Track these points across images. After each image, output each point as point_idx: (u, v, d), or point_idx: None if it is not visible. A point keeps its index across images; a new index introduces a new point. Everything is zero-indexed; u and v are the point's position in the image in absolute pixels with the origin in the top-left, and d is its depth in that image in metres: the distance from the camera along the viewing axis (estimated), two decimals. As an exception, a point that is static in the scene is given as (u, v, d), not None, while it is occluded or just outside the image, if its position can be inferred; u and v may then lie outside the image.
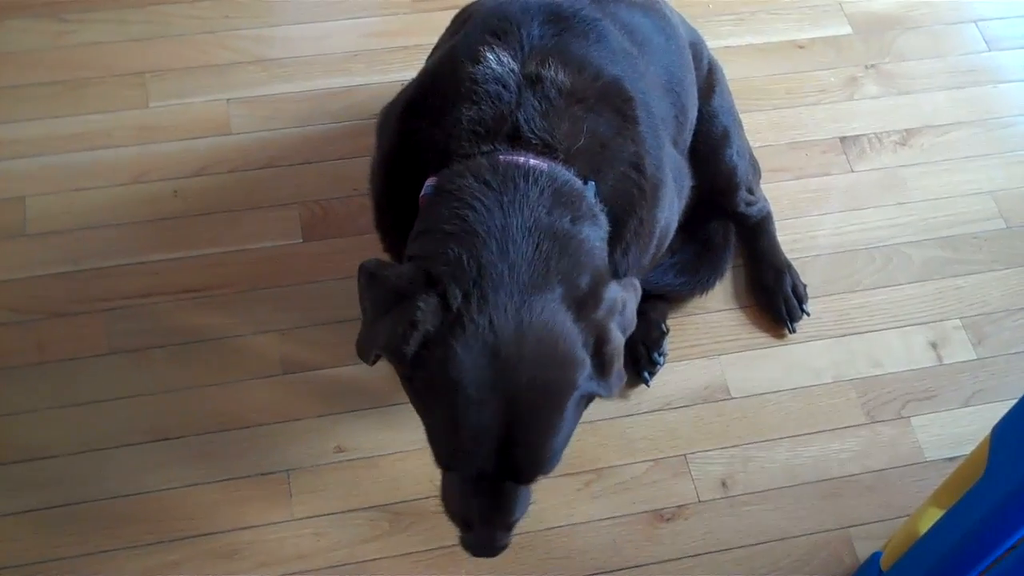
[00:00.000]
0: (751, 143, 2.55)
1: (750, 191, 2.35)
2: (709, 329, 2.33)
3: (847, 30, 2.83)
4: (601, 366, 1.48)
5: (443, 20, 2.61)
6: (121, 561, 1.99)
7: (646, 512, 2.12)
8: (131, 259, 2.32)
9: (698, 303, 2.36)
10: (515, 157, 1.56)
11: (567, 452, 2.09)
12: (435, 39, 2.29)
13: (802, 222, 2.51)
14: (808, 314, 2.33)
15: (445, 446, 1.48)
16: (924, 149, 2.65)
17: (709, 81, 2.25)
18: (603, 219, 1.61)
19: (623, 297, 1.54)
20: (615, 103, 1.68)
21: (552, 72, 1.63)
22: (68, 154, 2.45)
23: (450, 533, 1.65)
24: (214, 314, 2.26)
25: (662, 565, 2.07)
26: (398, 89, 2.11)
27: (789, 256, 2.42)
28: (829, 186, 2.57)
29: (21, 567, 1.97)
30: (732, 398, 2.26)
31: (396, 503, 2.08)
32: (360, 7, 2.73)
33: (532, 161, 1.55)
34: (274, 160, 2.48)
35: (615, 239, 1.65)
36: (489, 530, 1.57)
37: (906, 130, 2.67)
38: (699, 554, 2.08)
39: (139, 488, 2.06)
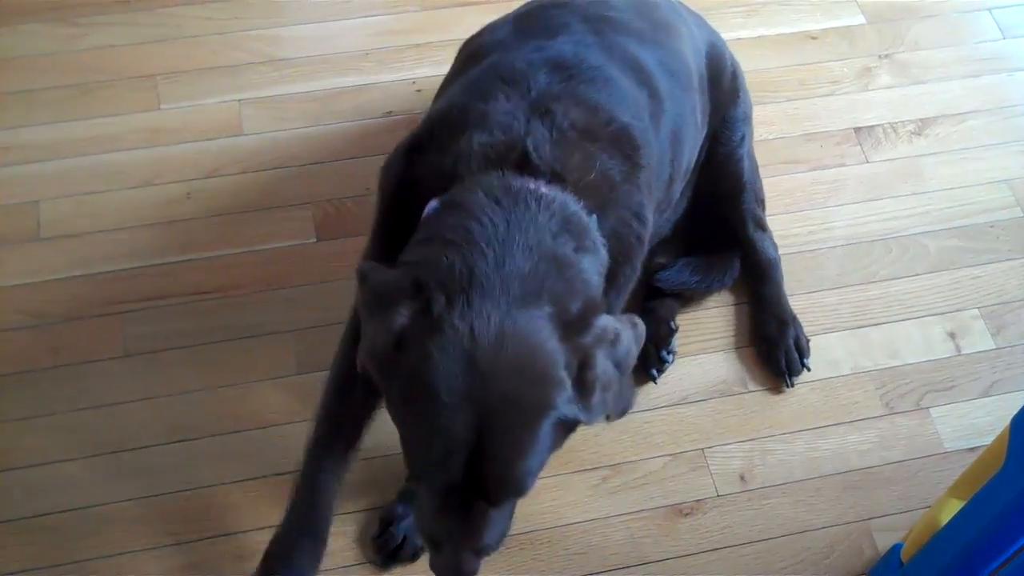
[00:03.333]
0: (765, 135, 2.56)
1: (760, 203, 2.35)
2: (726, 323, 2.32)
3: (860, 20, 2.81)
4: (582, 390, 1.45)
5: (453, 18, 2.63)
6: (140, 563, 1.99)
7: (664, 507, 2.11)
8: (145, 261, 2.32)
9: (715, 297, 2.36)
10: (527, 182, 1.56)
11: (583, 448, 2.12)
12: (445, 37, 2.30)
13: (818, 213, 2.49)
14: (809, 369, 2.26)
15: (417, 455, 1.47)
16: (940, 138, 2.63)
17: (733, 87, 2.26)
18: (604, 254, 1.61)
19: (616, 329, 1.51)
20: (625, 149, 1.69)
21: (564, 108, 1.65)
22: (81, 158, 2.45)
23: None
24: (228, 315, 2.26)
25: (681, 560, 2.06)
26: (410, 88, 2.12)
27: (804, 248, 2.42)
28: (844, 177, 2.56)
29: (38, 570, 1.97)
30: (750, 391, 2.25)
31: (413, 501, 2.08)
32: (370, 6, 2.73)
33: (544, 188, 1.56)
34: (286, 160, 2.48)
35: (608, 279, 1.66)
36: (457, 552, 1.52)
37: (921, 119, 2.65)
38: (718, 548, 2.07)
39: (156, 490, 2.06)
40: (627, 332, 1.53)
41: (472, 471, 1.42)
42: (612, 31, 1.86)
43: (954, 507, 1.77)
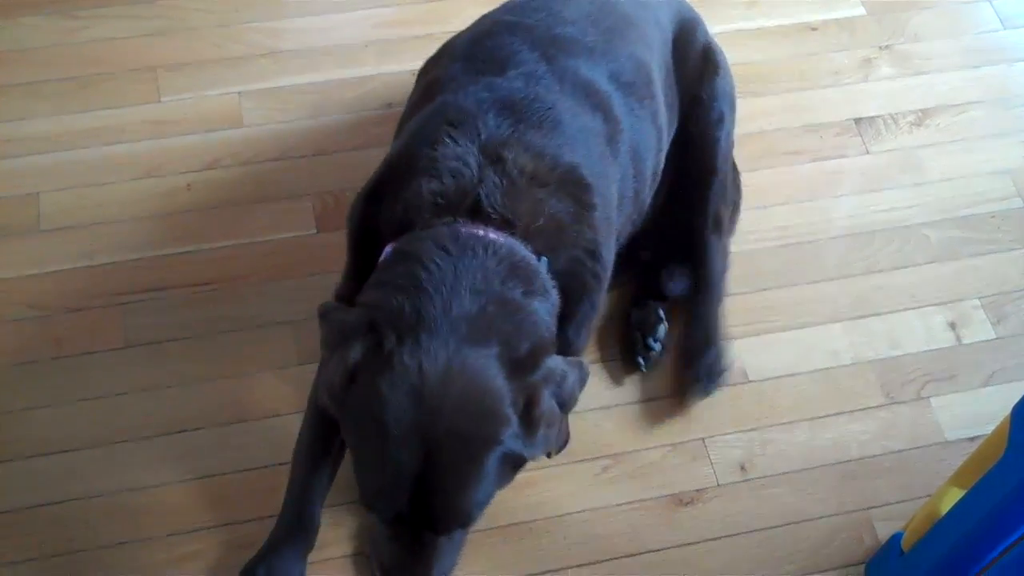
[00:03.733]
0: (765, 127, 2.56)
1: (727, 204, 2.29)
2: (725, 313, 2.32)
3: (861, 11, 2.81)
4: (527, 427, 1.49)
5: (454, 8, 2.63)
6: (140, 553, 2.00)
7: (664, 497, 2.11)
8: (145, 253, 2.32)
9: (714, 287, 2.35)
10: (475, 229, 1.61)
11: (583, 438, 2.12)
12: (446, 28, 2.30)
13: (818, 204, 2.49)
14: (711, 394, 2.20)
15: (367, 485, 1.51)
16: (940, 129, 2.63)
17: (707, 62, 2.23)
18: (554, 295, 1.65)
19: (563, 370, 1.56)
20: (573, 191, 1.72)
21: (513, 156, 1.68)
22: (81, 150, 2.45)
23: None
24: (229, 306, 2.26)
25: (681, 549, 2.06)
26: (410, 79, 2.12)
27: (805, 239, 2.44)
28: (845, 168, 2.56)
29: (38, 560, 1.98)
30: (750, 381, 2.25)
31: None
32: (370, -2, 2.74)
33: (492, 235, 1.60)
34: (287, 152, 2.48)
35: (567, 317, 1.71)
36: None
37: (922, 110, 2.65)
38: (719, 537, 2.07)
39: (158, 480, 2.07)
40: (573, 373, 1.58)
41: (419, 502, 1.46)
42: (563, 55, 1.88)
43: (955, 496, 1.77)
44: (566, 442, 1.65)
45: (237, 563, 1.95)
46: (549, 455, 1.59)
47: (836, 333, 2.32)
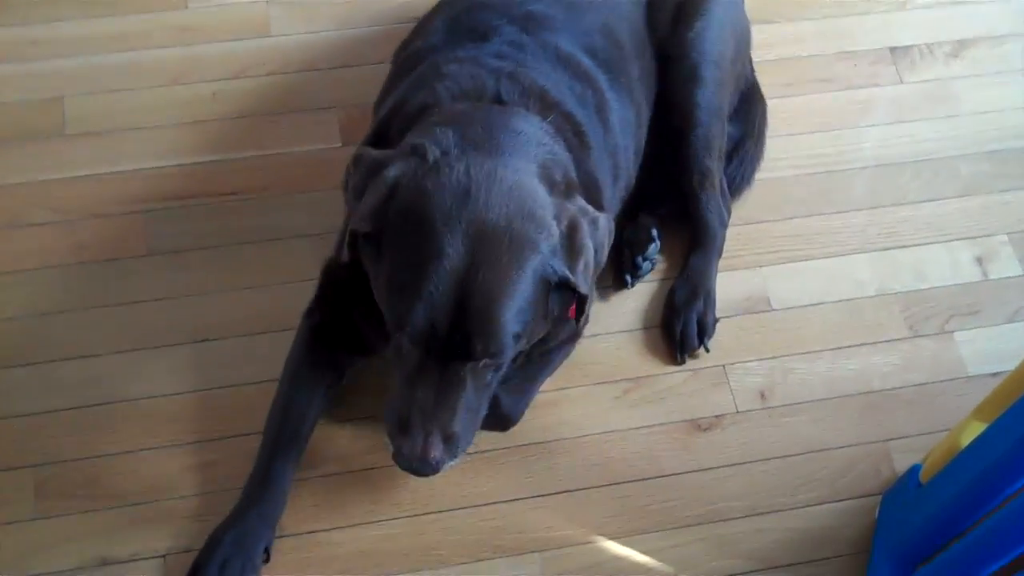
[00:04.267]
0: (798, 52, 2.53)
1: (713, 156, 2.20)
2: (750, 240, 2.31)
3: (900, -62, 2.76)
4: (570, 251, 1.51)
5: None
6: (161, 459, 2.01)
7: (683, 421, 2.11)
8: (169, 161, 2.31)
9: (741, 214, 2.33)
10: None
11: (604, 360, 2.12)
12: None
13: (848, 133, 2.46)
14: (707, 350, 2.17)
15: (406, 296, 1.49)
16: (976, 61, 2.59)
17: (680, 18, 2.16)
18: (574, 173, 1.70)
19: (595, 213, 1.58)
20: (573, 127, 1.79)
21: (524, 76, 1.76)
22: (107, 55, 2.43)
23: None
24: (253, 217, 2.26)
25: (698, 474, 2.06)
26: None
27: (834, 168, 2.41)
28: (877, 97, 2.53)
29: (59, 463, 1.99)
30: (773, 310, 2.24)
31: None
32: (401, -92, 2.69)
33: (513, 108, 1.68)
34: (313, 63, 2.45)
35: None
36: (425, 433, 1.55)
37: (958, 41, 2.61)
38: (735, 464, 2.08)
39: (179, 389, 2.08)
40: (604, 220, 1.60)
41: (457, 317, 1.46)
42: (540, 29, 1.90)
43: (976, 430, 1.77)
44: (587, 319, 1.67)
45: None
46: (577, 321, 1.61)
47: (862, 264, 2.30)
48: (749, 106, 2.36)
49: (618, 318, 2.20)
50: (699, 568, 1.99)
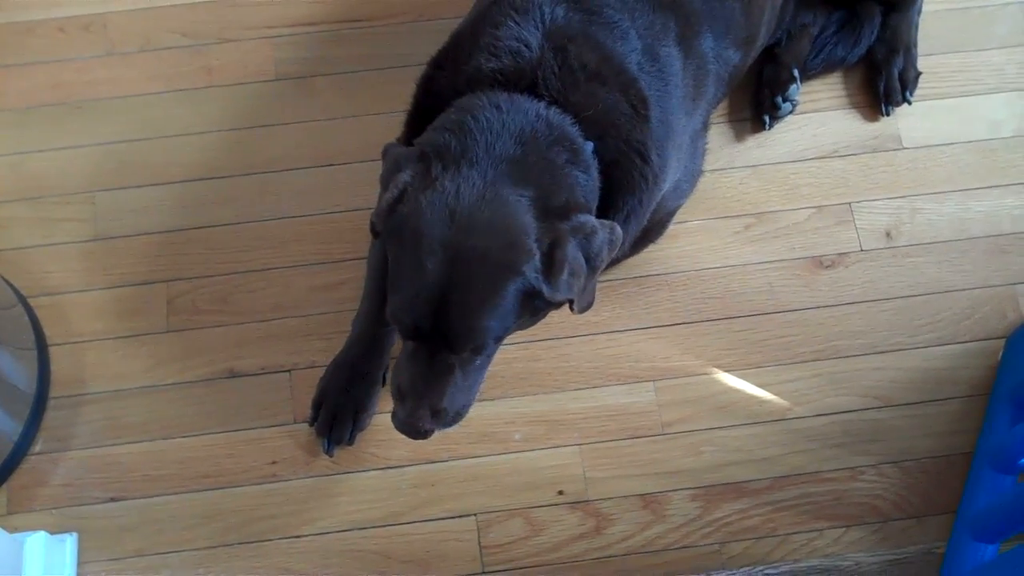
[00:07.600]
0: None
1: None
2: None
3: None
4: (550, 267, 1.54)
5: None
6: (289, 278, 2.07)
7: (805, 258, 2.09)
8: (297, -14, 2.32)
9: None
10: (530, 100, 1.66)
11: (728, 195, 2.11)
12: None
13: (991, -32, 2.36)
14: (910, 103, 2.20)
15: (398, 295, 1.58)
16: None
17: None
18: (596, 175, 1.68)
19: (593, 226, 1.59)
20: (632, 100, 1.72)
21: (577, 50, 1.70)
22: None
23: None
24: (378, 44, 2.26)
25: (818, 311, 2.05)
26: None
27: (975, 4, 2.31)
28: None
29: (189, 280, 2.06)
30: (904, 148, 2.18)
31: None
32: None
33: (544, 108, 1.65)
34: None
35: (613, 207, 1.74)
36: (416, 407, 1.64)
37: None
38: (857, 302, 2.06)
39: (305, 211, 2.12)
40: (603, 232, 1.61)
41: (439, 317, 1.54)
42: None
43: (1110, 271, 1.72)
44: (590, 303, 1.68)
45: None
46: (572, 309, 1.64)
47: (999, 104, 2.23)
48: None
49: (743, 153, 2.18)
50: (813, 403, 2.00)
